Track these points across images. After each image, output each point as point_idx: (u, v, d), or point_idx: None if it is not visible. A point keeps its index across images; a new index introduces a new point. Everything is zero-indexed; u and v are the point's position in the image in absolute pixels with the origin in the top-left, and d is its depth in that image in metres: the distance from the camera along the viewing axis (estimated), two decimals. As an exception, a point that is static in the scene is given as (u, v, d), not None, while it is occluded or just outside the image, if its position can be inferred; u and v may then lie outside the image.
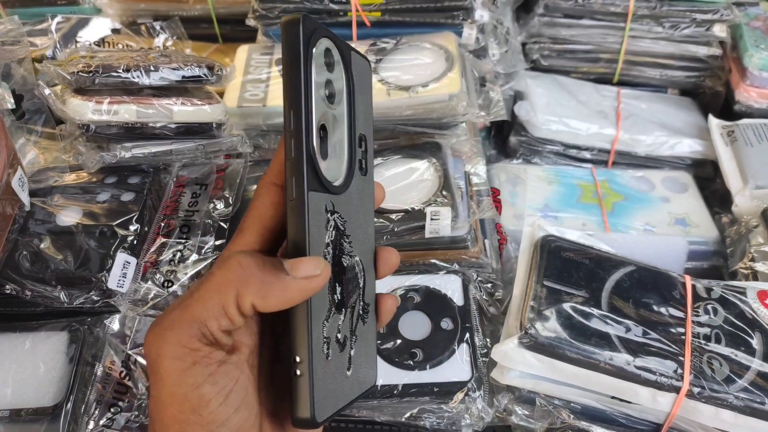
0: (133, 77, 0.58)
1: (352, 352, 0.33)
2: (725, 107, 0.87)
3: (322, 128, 0.31)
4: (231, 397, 0.28)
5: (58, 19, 0.84)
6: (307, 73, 0.29)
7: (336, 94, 0.32)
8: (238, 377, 0.28)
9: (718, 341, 0.53)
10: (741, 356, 0.52)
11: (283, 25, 0.29)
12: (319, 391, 0.30)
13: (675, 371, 0.50)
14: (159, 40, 0.83)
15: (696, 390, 0.50)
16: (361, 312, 0.34)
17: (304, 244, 0.29)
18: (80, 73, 0.56)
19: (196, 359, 0.27)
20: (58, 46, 0.81)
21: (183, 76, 0.60)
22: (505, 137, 0.87)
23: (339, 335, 0.32)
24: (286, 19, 0.29)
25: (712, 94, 0.90)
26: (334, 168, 0.32)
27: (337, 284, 0.32)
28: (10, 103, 0.65)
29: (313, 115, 0.29)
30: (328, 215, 0.31)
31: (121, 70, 0.57)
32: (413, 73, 0.72)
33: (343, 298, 0.32)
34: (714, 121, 0.80)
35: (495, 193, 0.77)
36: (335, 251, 0.32)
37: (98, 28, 0.85)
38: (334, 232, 0.32)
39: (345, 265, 0.32)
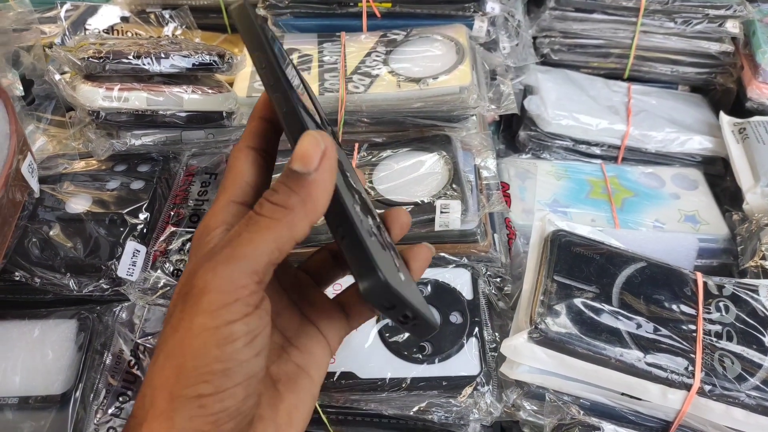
0: (144, 64, 0.57)
1: (397, 263, 0.33)
2: (737, 104, 0.87)
3: None
4: (256, 340, 0.28)
5: (67, 6, 0.83)
6: (268, 38, 0.31)
7: None
8: (266, 325, 0.29)
9: (729, 339, 0.52)
10: (753, 354, 0.51)
11: (235, 10, 0.32)
12: (376, 255, 0.29)
13: (686, 368, 0.50)
14: (168, 29, 0.82)
15: (707, 388, 0.49)
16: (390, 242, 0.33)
17: (305, 126, 0.29)
18: (91, 59, 0.56)
19: (239, 296, 0.27)
20: (67, 33, 0.81)
21: (194, 64, 0.60)
22: (514, 132, 0.87)
23: (372, 229, 0.32)
24: (235, 6, 0.32)
25: (723, 91, 0.89)
26: None
27: (351, 192, 0.32)
28: (20, 90, 0.64)
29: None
30: None
31: (131, 57, 0.57)
32: (423, 65, 0.72)
33: (364, 204, 0.33)
34: (725, 118, 0.80)
35: (504, 187, 0.76)
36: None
37: (107, 16, 0.84)
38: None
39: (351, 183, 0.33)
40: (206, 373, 0.27)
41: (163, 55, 0.58)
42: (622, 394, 0.52)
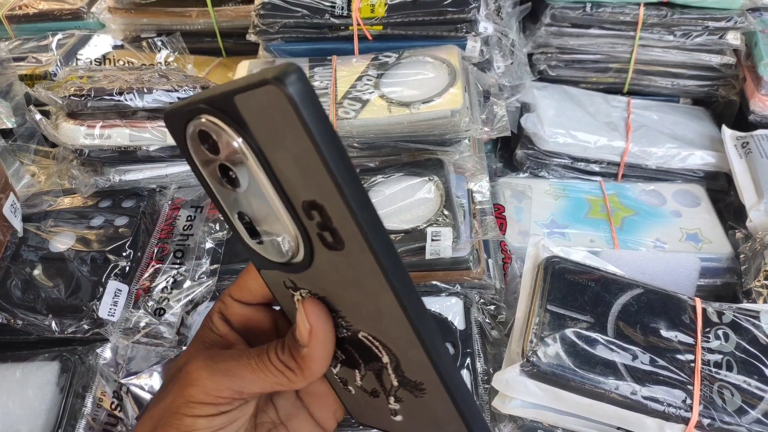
0: (126, 100, 0.57)
1: (396, 406, 0.34)
2: (739, 117, 0.85)
3: (239, 215, 0.28)
4: (217, 419, 0.31)
5: (59, 36, 0.84)
6: (192, 163, 0.27)
7: (237, 176, 0.26)
8: (232, 425, 0.32)
9: (729, 369, 0.51)
10: (754, 385, 0.49)
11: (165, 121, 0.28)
12: (348, 402, 0.36)
13: (683, 401, 0.48)
14: (161, 56, 0.82)
15: (706, 421, 0.48)
16: (397, 384, 0.33)
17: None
18: (72, 97, 0.56)
19: (215, 402, 0.31)
20: (59, 63, 0.81)
21: (178, 98, 0.59)
22: (511, 150, 0.85)
23: (360, 383, 0.34)
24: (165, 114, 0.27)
25: (725, 104, 0.87)
26: (275, 247, 0.28)
27: (338, 350, 0.33)
28: (12, 122, 0.64)
29: (221, 201, 0.28)
30: (291, 291, 0.31)
31: (114, 93, 0.57)
32: (415, 89, 0.71)
33: (350, 359, 0.33)
34: (728, 132, 0.78)
35: (499, 209, 0.75)
36: None
37: (100, 45, 0.85)
38: None
39: (341, 336, 0.32)
40: None
41: (146, 90, 0.57)
42: (618, 428, 0.51)
